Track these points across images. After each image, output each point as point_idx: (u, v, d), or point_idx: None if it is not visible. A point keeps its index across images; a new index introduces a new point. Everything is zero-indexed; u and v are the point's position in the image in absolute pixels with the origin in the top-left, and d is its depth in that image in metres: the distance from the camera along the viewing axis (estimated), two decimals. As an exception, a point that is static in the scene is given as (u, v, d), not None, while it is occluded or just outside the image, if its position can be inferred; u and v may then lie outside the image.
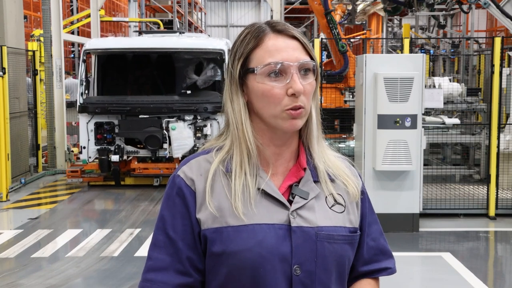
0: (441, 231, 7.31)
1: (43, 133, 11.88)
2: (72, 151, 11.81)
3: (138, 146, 10.01)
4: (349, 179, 1.52)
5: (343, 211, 1.48)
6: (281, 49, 1.41)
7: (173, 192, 1.46)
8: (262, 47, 1.42)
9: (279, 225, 1.40)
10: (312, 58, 1.44)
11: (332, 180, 1.49)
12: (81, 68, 10.22)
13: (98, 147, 9.83)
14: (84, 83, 10.13)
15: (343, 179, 1.50)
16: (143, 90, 10.91)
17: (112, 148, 9.83)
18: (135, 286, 5.38)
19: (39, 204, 9.06)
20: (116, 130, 9.85)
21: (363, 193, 1.56)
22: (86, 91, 10.20)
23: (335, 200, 1.47)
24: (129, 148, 9.95)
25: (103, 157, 9.78)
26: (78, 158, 11.50)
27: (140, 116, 9.76)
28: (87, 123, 9.85)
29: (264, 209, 1.41)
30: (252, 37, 1.44)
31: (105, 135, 9.89)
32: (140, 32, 12.78)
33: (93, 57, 10.63)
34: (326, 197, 1.47)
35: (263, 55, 1.41)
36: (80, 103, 9.96)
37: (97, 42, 10.93)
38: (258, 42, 1.43)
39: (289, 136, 1.47)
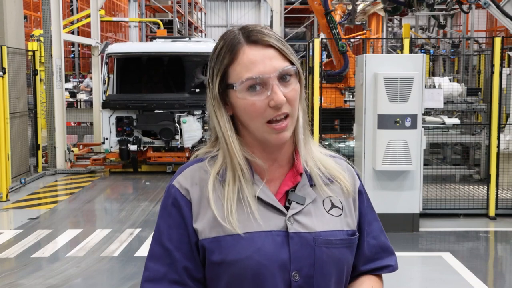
0: (441, 231, 7.31)
1: (43, 133, 11.88)
2: (72, 151, 11.83)
3: (153, 137, 11.34)
4: (341, 176, 1.50)
5: (341, 214, 1.46)
6: (258, 62, 1.37)
7: (168, 202, 1.44)
8: (238, 61, 1.38)
9: (276, 232, 1.38)
10: (292, 62, 1.39)
11: (326, 184, 1.47)
12: (104, 69, 11.57)
13: (119, 138, 11.21)
14: (106, 83, 11.48)
15: (336, 177, 1.49)
16: (157, 89, 12.16)
17: (131, 139, 11.20)
18: (135, 286, 5.38)
19: (39, 204, 9.06)
20: (134, 123, 11.23)
21: (361, 192, 1.54)
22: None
23: (332, 203, 1.46)
24: (146, 139, 11.31)
25: (123, 147, 11.15)
26: (78, 158, 12.08)
27: (155, 111, 11.11)
28: (109, 117, 11.21)
29: (261, 216, 1.39)
30: (227, 51, 1.39)
31: (124, 127, 11.25)
32: (153, 38, 14.08)
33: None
34: (323, 200, 1.45)
35: (240, 71, 1.37)
36: (103, 100, 11.36)
37: (118, 46, 12.37)
38: (233, 57, 1.38)
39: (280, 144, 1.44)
